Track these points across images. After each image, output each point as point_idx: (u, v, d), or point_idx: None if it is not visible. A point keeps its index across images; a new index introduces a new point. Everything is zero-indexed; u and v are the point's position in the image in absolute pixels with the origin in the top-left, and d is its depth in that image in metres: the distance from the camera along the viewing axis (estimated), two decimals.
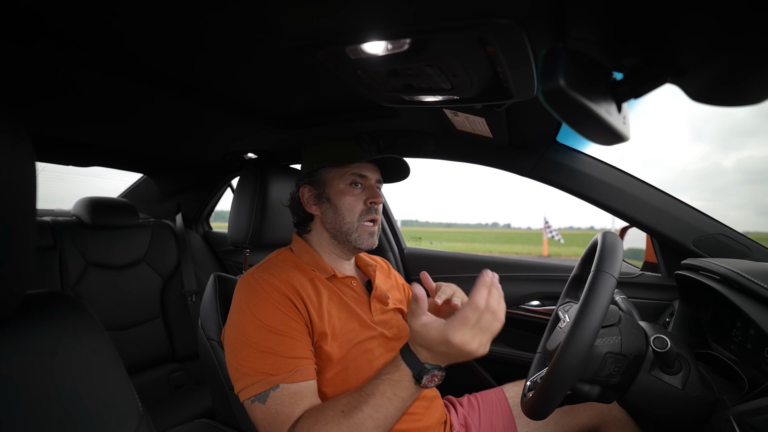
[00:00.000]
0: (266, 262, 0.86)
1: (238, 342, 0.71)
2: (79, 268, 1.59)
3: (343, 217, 0.85)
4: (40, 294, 0.49)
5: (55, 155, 1.53)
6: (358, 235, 0.86)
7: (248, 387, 0.67)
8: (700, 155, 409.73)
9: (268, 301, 0.73)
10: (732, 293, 0.70)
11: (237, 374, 0.70)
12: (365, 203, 0.86)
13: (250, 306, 0.73)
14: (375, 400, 0.61)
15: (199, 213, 2.22)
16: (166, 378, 1.66)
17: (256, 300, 0.73)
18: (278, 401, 0.66)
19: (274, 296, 0.74)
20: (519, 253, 21.93)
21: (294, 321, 0.73)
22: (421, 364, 0.61)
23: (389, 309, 0.92)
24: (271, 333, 0.70)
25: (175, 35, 0.62)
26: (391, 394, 0.61)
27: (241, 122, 1.10)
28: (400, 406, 0.62)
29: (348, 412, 0.61)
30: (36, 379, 0.42)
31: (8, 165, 0.36)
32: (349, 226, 0.85)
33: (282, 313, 0.72)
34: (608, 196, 1.07)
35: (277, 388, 0.66)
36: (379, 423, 0.61)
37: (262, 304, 0.73)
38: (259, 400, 0.66)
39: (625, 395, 0.69)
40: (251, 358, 0.69)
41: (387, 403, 0.61)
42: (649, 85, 0.40)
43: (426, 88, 0.70)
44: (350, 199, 0.85)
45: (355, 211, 0.85)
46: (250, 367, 0.68)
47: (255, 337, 0.70)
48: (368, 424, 0.60)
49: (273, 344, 0.69)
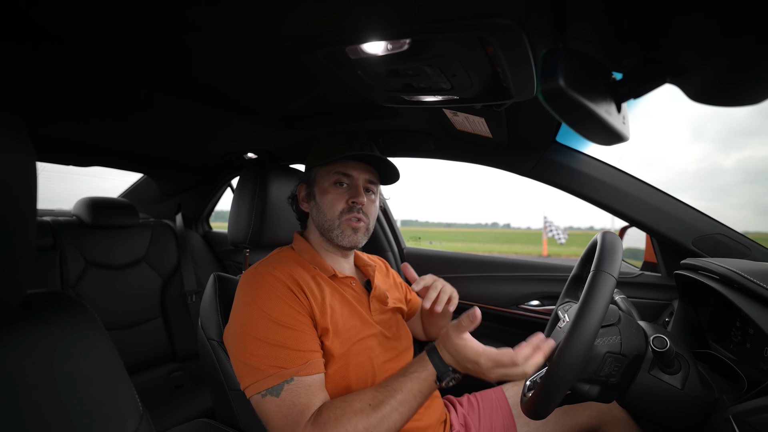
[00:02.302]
0: (269, 258, 0.87)
1: (246, 336, 0.71)
2: (80, 267, 1.59)
3: (324, 215, 0.86)
4: (41, 294, 0.49)
5: (56, 155, 1.53)
6: (341, 231, 0.86)
7: (260, 381, 0.67)
8: (700, 155, 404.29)
9: (275, 295, 0.73)
10: (731, 293, 0.70)
11: (246, 369, 0.69)
12: (347, 202, 0.86)
13: (256, 300, 0.73)
14: (402, 396, 0.66)
15: (199, 213, 2.22)
16: (166, 378, 1.66)
17: (263, 294, 0.74)
18: (294, 393, 0.66)
19: (279, 290, 0.74)
20: (519, 253, 21.93)
21: (300, 314, 0.73)
22: (447, 368, 0.68)
23: (388, 309, 0.92)
24: (280, 327, 0.70)
25: (174, 35, 0.62)
26: (417, 391, 0.67)
27: (241, 122, 1.10)
28: (422, 401, 0.68)
29: (376, 406, 0.65)
30: (36, 378, 0.43)
31: (9, 164, 0.36)
32: (330, 223, 0.86)
33: (289, 306, 0.73)
34: (608, 196, 1.07)
35: (292, 381, 0.67)
36: (403, 417, 0.66)
37: (269, 299, 0.73)
38: (271, 394, 0.66)
39: (625, 395, 0.69)
40: (261, 352, 0.69)
41: (413, 399, 0.67)
42: (649, 85, 0.40)
43: (426, 88, 0.70)
44: (331, 197, 0.86)
45: (335, 209, 0.86)
46: (262, 361, 0.68)
47: (264, 331, 0.70)
48: (394, 417, 0.65)
49: (283, 338, 0.70)
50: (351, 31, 0.55)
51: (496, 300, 1.40)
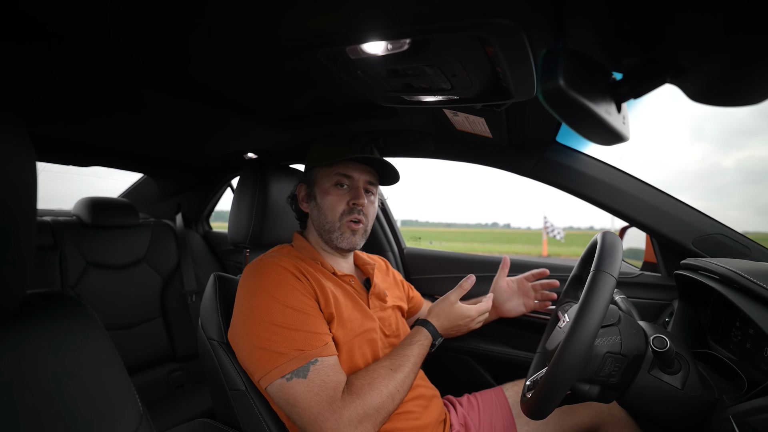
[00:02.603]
0: (270, 252, 0.87)
1: (262, 323, 0.71)
2: (80, 267, 1.59)
3: (325, 216, 0.87)
4: (41, 294, 0.49)
5: (56, 155, 1.53)
6: (340, 233, 0.87)
7: (283, 365, 0.67)
8: (700, 155, 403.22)
9: (285, 282, 0.75)
10: (731, 293, 0.70)
11: (266, 355, 0.69)
12: (348, 203, 0.87)
13: (267, 289, 0.74)
14: (414, 359, 0.79)
15: (199, 213, 2.22)
16: (166, 378, 1.66)
17: (273, 282, 0.74)
18: (322, 373, 0.68)
19: (287, 278, 0.75)
20: (519, 253, 21.92)
21: (310, 299, 0.75)
22: (439, 334, 0.86)
23: (388, 306, 0.93)
24: (295, 311, 0.72)
25: (174, 34, 0.62)
26: (419, 357, 0.81)
27: (241, 122, 1.10)
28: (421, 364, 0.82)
29: (396, 369, 0.75)
30: (36, 378, 0.43)
31: (8, 164, 0.36)
32: (331, 225, 0.87)
33: (299, 292, 0.74)
34: (608, 196, 1.07)
35: (317, 362, 0.68)
36: (412, 379, 0.78)
37: (280, 286, 0.74)
38: (297, 376, 0.67)
39: (625, 395, 0.69)
40: (280, 338, 0.69)
41: (418, 362, 0.80)
42: (649, 85, 0.40)
43: (426, 88, 0.70)
44: (332, 198, 0.87)
45: (336, 210, 0.86)
46: (283, 345, 0.69)
47: (281, 316, 0.71)
48: (411, 378, 0.77)
49: (300, 322, 0.71)
50: (351, 31, 0.55)
51: None
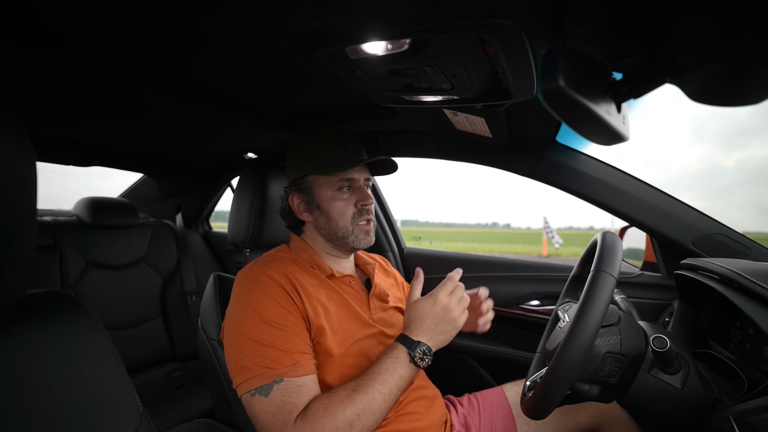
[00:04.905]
0: (265, 256, 0.86)
1: (238, 335, 0.71)
2: (80, 267, 1.59)
3: (336, 224, 0.85)
4: (41, 294, 0.49)
5: (56, 155, 1.53)
6: (355, 236, 0.86)
7: (249, 380, 0.67)
8: (701, 155, 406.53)
9: (267, 294, 0.73)
10: (731, 293, 0.70)
11: (237, 367, 0.70)
12: (356, 206, 0.86)
13: (249, 299, 0.73)
14: (381, 376, 0.69)
15: (199, 213, 2.22)
16: (166, 378, 1.66)
17: (255, 293, 0.74)
18: (284, 393, 0.66)
19: (272, 290, 0.74)
20: (519, 253, 21.93)
21: (292, 315, 0.73)
22: (414, 342, 0.72)
23: (389, 307, 0.92)
24: (270, 326, 0.70)
25: (174, 35, 0.62)
26: (392, 369, 0.70)
27: (241, 122, 1.10)
28: (401, 382, 0.70)
29: (359, 390, 0.67)
30: (36, 378, 0.42)
31: (8, 164, 0.36)
32: (344, 230, 0.85)
33: (281, 306, 0.73)
34: (608, 196, 1.07)
35: (282, 382, 0.67)
36: (386, 397, 0.68)
37: (262, 298, 0.73)
38: (260, 393, 0.66)
39: (625, 395, 0.69)
40: (251, 352, 0.69)
41: (390, 378, 0.69)
42: (649, 86, 0.40)
43: (426, 88, 0.70)
44: (340, 204, 0.85)
45: (347, 216, 0.85)
46: (251, 361, 0.68)
47: (254, 330, 0.70)
48: (378, 399, 0.67)
49: (273, 337, 0.70)
50: (351, 31, 0.55)
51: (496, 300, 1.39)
